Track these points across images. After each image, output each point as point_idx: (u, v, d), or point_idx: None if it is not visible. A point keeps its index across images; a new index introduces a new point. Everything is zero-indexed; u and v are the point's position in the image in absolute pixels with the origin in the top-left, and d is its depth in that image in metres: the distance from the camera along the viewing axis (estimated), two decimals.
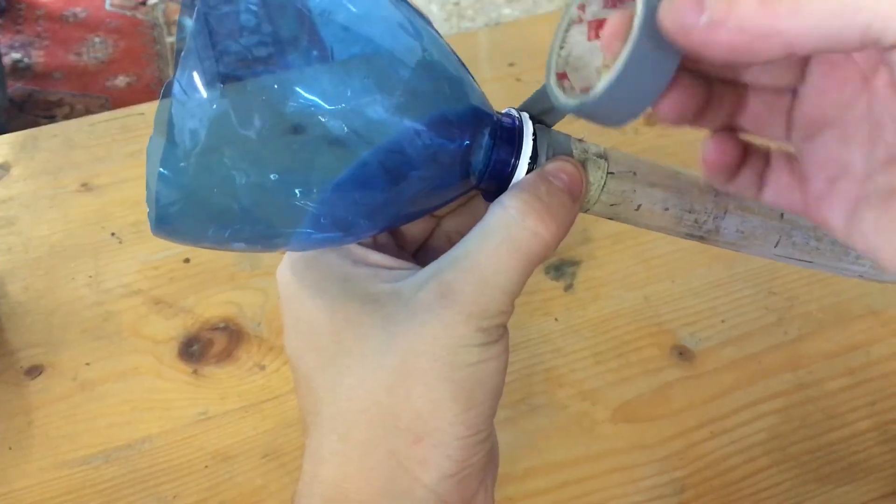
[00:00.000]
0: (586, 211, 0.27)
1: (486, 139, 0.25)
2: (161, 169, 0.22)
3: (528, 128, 0.26)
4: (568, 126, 0.27)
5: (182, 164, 0.22)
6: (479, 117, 0.25)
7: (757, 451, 0.40)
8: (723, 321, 0.46)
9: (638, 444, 0.40)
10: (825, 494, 0.39)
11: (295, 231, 0.24)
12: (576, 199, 0.26)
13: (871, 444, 0.40)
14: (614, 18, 0.23)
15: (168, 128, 0.21)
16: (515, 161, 0.26)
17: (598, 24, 0.25)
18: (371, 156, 0.23)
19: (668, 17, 0.20)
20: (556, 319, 0.46)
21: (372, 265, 0.27)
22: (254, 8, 0.22)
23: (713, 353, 0.44)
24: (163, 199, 0.23)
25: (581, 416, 0.41)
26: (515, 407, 0.42)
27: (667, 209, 0.27)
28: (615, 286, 0.47)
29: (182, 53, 0.21)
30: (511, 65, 0.63)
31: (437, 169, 0.25)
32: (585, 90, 0.24)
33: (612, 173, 0.27)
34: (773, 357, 0.44)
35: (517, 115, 0.26)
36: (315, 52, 0.22)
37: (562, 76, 0.26)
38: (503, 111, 0.27)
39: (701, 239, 0.29)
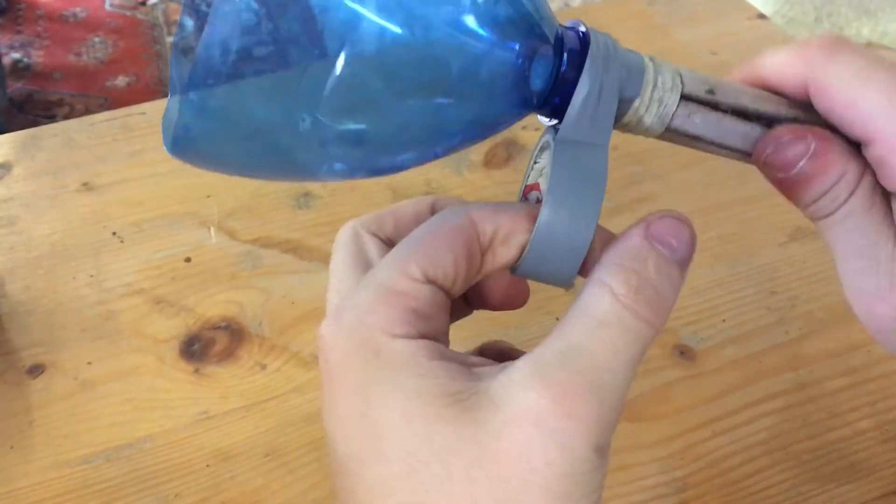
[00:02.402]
0: (652, 136, 0.25)
1: (550, 57, 0.23)
2: (186, 82, 0.20)
3: (596, 44, 0.23)
4: None
5: (210, 80, 0.20)
6: (542, 32, 0.22)
7: (758, 451, 0.40)
8: (724, 321, 0.46)
9: (639, 443, 0.40)
10: (826, 493, 0.39)
11: (330, 155, 0.22)
12: (687, 265, 0.23)
13: (873, 444, 0.40)
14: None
15: (195, 42, 0.20)
16: (578, 80, 0.23)
17: None
18: (421, 68, 0.20)
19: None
20: (557, 319, 0.46)
21: (445, 359, 0.22)
22: None
23: (714, 352, 0.44)
24: (185, 115, 0.20)
25: None
26: None
27: (746, 133, 0.25)
28: None
29: None
30: None
31: (492, 85, 0.22)
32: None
33: (686, 97, 0.24)
34: (775, 356, 0.44)
35: (584, 30, 0.24)
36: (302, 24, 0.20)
37: (532, 187, 0.26)
38: (568, 24, 0.24)
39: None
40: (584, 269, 0.23)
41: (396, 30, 0.20)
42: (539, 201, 0.24)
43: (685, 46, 0.64)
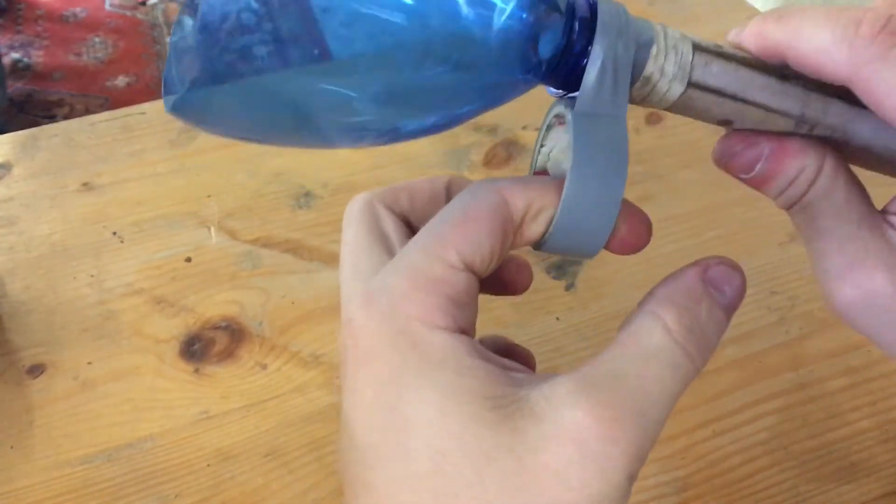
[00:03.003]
0: (664, 108, 0.24)
1: (558, 26, 0.22)
2: (187, 41, 0.20)
3: (605, 8, 0.23)
4: None
5: (223, 36, 0.20)
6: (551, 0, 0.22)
7: (758, 451, 0.40)
8: None
9: None
10: (826, 493, 0.39)
11: (334, 119, 0.21)
12: (730, 317, 0.23)
13: (873, 444, 0.40)
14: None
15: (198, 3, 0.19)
16: (590, 50, 0.22)
17: None
18: (424, 32, 0.20)
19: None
20: (557, 319, 0.46)
21: (485, 358, 0.21)
22: None
23: (716, 352, 0.44)
24: (186, 75, 0.20)
25: None
26: None
27: (775, 109, 0.24)
28: (617, 285, 0.47)
29: None
30: None
31: (501, 54, 0.21)
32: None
33: (705, 64, 0.24)
34: (775, 356, 0.44)
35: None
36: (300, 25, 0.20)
37: (541, 173, 0.25)
38: None
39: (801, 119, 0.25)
40: (609, 242, 0.23)
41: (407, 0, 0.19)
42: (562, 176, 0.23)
43: None
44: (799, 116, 0.25)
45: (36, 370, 0.43)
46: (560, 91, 0.24)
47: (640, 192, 0.53)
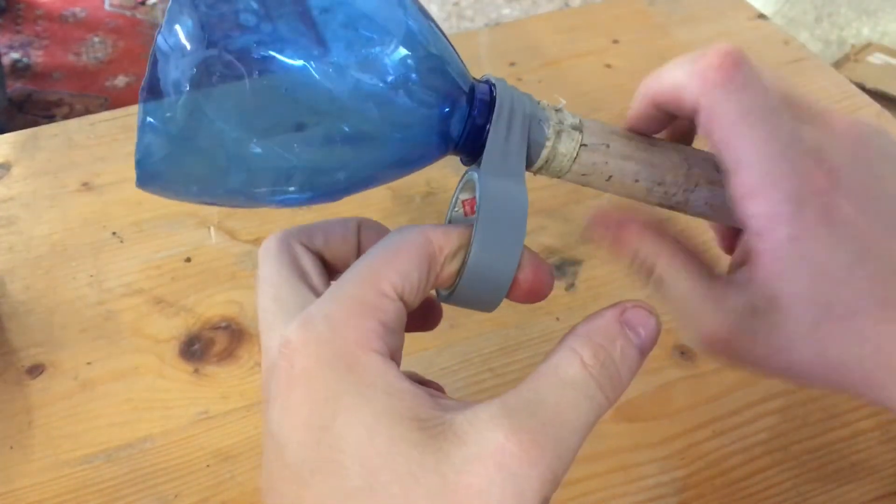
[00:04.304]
0: (557, 177, 0.28)
1: (463, 107, 0.26)
2: (149, 119, 0.22)
3: (505, 97, 0.27)
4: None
5: (168, 114, 0.22)
6: (457, 86, 0.25)
7: (758, 451, 0.40)
8: None
9: (639, 444, 0.40)
10: (826, 494, 0.39)
11: (274, 188, 0.24)
12: (643, 358, 0.25)
13: (873, 444, 0.40)
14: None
15: (153, 80, 0.21)
16: (489, 128, 0.26)
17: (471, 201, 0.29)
18: (353, 118, 0.23)
19: None
20: (557, 319, 0.46)
21: (413, 383, 0.23)
22: None
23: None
24: (148, 151, 0.22)
25: None
26: None
27: (637, 181, 0.28)
28: (616, 285, 0.47)
29: (168, 7, 0.21)
30: (512, 64, 0.63)
31: (418, 133, 0.25)
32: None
33: (585, 145, 0.27)
34: None
35: (494, 83, 0.27)
36: (300, 12, 0.22)
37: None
38: (482, 77, 0.27)
39: (670, 208, 0.30)
40: (510, 293, 0.26)
41: (332, 87, 0.22)
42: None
43: (685, 46, 0.64)
44: (661, 205, 0.30)
45: (35, 370, 0.43)
46: (471, 160, 0.27)
47: None
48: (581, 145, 0.27)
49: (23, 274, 0.48)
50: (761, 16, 0.68)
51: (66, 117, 1.60)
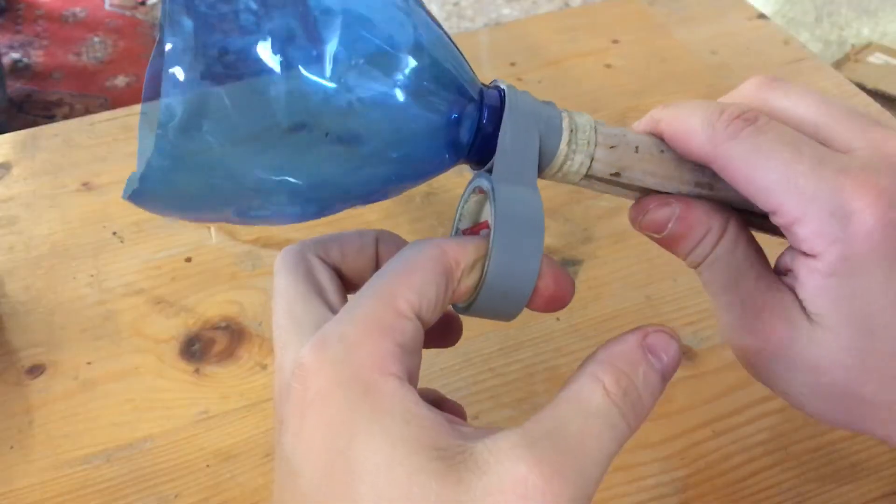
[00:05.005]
0: (572, 183, 0.27)
1: (473, 114, 0.25)
2: (146, 140, 0.21)
3: (512, 99, 0.26)
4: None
5: (161, 133, 0.21)
6: (466, 93, 0.25)
7: (759, 451, 0.40)
8: None
9: (640, 444, 0.40)
10: (826, 493, 0.39)
11: (275, 206, 0.23)
12: (666, 383, 0.25)
13: (873, 444, 0.40)
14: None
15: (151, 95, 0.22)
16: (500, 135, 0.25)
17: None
18: (356, 128, 0.22)
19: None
20: (557, 319, 0.46)
21: (431, 409, 0.22)
22: None
23: (715, 352, 0.44)
24: (144, 169, 0.22)
25: None
26: (517, 406, 0.42)
27: (655, 189, 0.28)
28: (617, 285, 0.47)
29: (164, 31, 0.21)
30: (512, 64, 0.63)
31: (426, 142, 0.24)
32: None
33: (597, 154, 0.27)
34: None
35: (504, 89, 0.26)
36: (299, 27, 0.21)
37: (470, 230, 0.28)
38: (491, 83, 0.27)
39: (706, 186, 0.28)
40: (531, 303, 0.26)
41: (333, 96, 0.22)
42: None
43: (685, 46, 0.64)
44: (696, 182, 0.28)
45: (35, 370, 0.43)
46: (480, 169, 0.27)
47: None
48: (595, 151, 0.26)
49: (23, 274, 0.48)
50: (761, 16, 0.68)
51: (66, 117, 1.60)
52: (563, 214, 0.51)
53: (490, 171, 0.25)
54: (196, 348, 0.44)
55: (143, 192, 0.22)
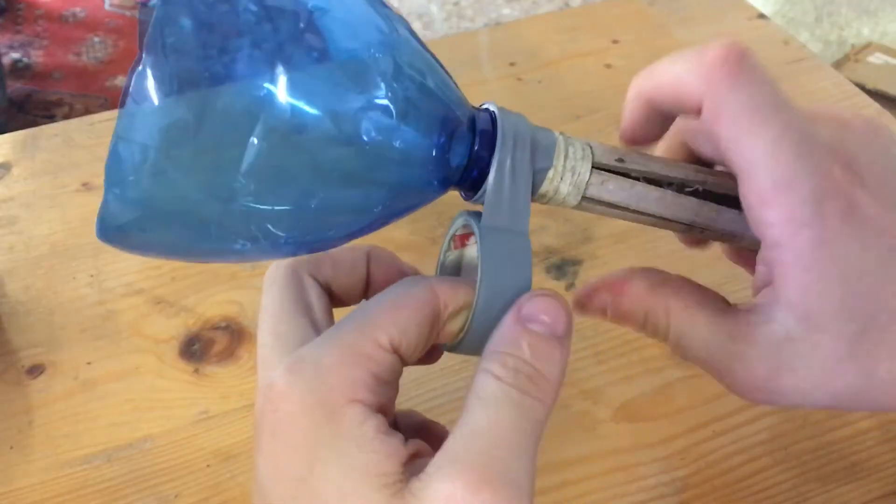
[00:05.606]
0: (566, 206, 0.27)
1: (464, 138, 0.24)
2: (111, 179, 0.21)
3: (505, 124, 0.25)
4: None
5: (131, 177, 0.21)
6: (454, 116, 0.24)
7: (758, 451, 0.40)
8: None
9: (639, 444, 0.40)
10: (827, 493, 0.39)
11: (256, 243, 0.22)
12: (565, 336, 0.24)
13: (873, 444, 0.40)
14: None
15: (119, 139, 0.21)
16: (492, 159, 0.25)
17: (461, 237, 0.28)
18: (340, 155, 0.21)
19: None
20: None
21: (389, 434, 0.22)
22: (204, 12, 0.21)
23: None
24: (112, 210, 0.22)
25: (582, 415, 0.41)
26: None
27: (651, 213, 0.28)
28: None
29: (134, 66, 0.20)
30: (512, 64, 0.63)
31: (412, 169, 0.23)
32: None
33: (594, 174, 0.26)
34: None
35: (494, 111, 0.25)
36: (276, 54, 0.21)
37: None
38: (481, 105, 0.26)
39: (694, 230, 0.29)
40: None
41: (326, 126, 0.21)
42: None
43: (685, 46, 0.63)
44: (690, 223, 0.28)
45: (35, 370, 0.43)
46: (472, 194, 0.26)
47: None
48: (591, 174, 0.26)
49: (23, 274, 0.48)
50: (761, 16, 0.68)
51: (66, 117, 1.60)
52: (563, 214, 0.51)
53: (482, 196, 0.25)
54: (196, 348, 0.44)
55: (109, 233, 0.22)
